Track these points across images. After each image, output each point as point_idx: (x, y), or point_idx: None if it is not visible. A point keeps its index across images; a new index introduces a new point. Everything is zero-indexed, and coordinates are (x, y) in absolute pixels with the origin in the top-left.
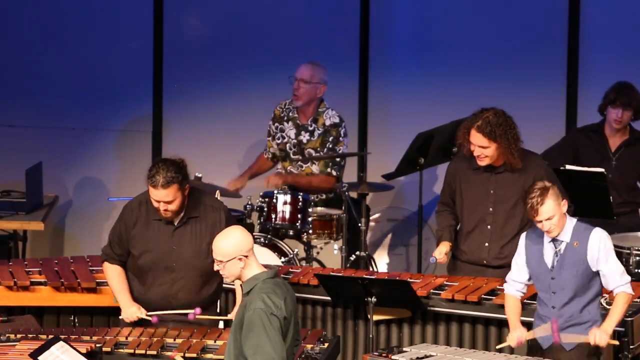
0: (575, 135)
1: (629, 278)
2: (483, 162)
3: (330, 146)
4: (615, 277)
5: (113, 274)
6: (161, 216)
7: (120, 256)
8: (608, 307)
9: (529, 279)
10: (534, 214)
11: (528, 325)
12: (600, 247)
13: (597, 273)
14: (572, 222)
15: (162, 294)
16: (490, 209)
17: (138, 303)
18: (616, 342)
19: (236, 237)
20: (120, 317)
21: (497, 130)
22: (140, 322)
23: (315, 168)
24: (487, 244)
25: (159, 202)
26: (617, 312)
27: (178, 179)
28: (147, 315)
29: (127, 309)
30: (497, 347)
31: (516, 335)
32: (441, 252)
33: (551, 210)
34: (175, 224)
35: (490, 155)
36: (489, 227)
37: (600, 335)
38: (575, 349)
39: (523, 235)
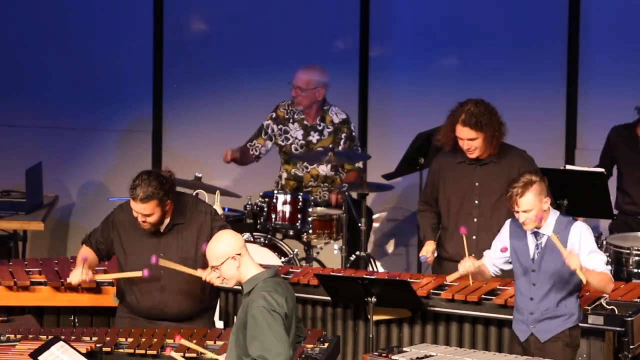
0: (610, 134)
1: (609, 268)
2: (473, 155)
3: (343, 142)
4: (597, 263)
5: (81, 251)
6: (140, 227)
7: (97, 243)
8: (608, 306)
9: (504, 262)
10: (513, 203)
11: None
12: (581, 240)
13: None
14: (554, 215)
15: (153, 303)
16: (476, 202)
17: (132, 312)
18: (583, 278)
19: (225, 238)
20: (68, 280)
21: (482, 120)
22: (137, 323)
23: (322, 168)
24: (474, 237)
25: (137, 213)
26: (598, 275)
27: (158, 195)
28: (93, 279)
29: (73, 271)
30: (448, 278)
31: (467, 263)
32: (428, 250)
33: (530, 204)
34: (162, 231)
35: (480, 146)
36: (475, 219)
37: (575, 259)
38: (550, 340)
39: (508, 222)
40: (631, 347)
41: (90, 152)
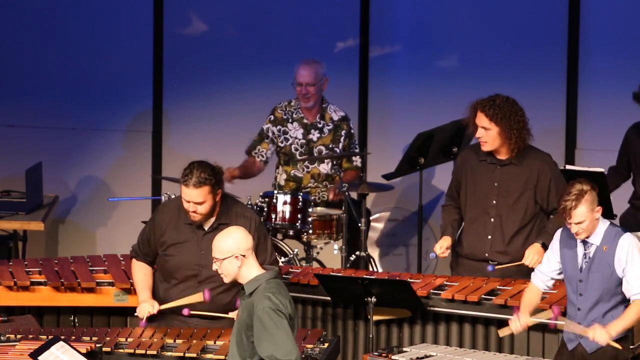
0: (627, 131)
1: None
2: (484, 147)
3: (343, 139)
4: (635, 284)
5: (137, 270)
6: (190, 219)
7: (146, 255)
8: None
9: (559, 274)
10: (567, 216)
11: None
12: (628, 252)
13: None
14: (604, 225)
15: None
16: (494, 202)
17: (163, 304)
18: (619, 347)
19: (235, 235)
20: (135, 314)
21: (499, 113)
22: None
23: (323, 167)
24: (489, 237)
25: (189, 202)
26: (627, 317)
27: (211, 182)
28: (160, 310)
29: (141, 305)
30: (500, 333)
31: (519, 321)
32: (442, 246)
33: (583, 215)
34: (206, 229)
35: (490, 141)
36: (491, 219)
37: (601, 333)
38: (597, 352)
39: (559, 231)
40: (631, 347)
41: (90, 152)
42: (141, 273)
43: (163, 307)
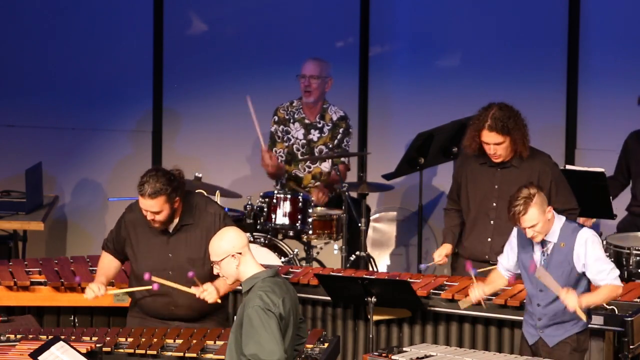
0: (627, 138)
1: (617, 272)
2: (498, 159)
3: (340, 137)
4: (602, 276)
5: (102, 258)
6: (149, 226)
7: (115, 248)
8: (608, 306)
9: (516, 267)
10: (517, 222)
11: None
12: (587, 248)
13: (583, 274)
14: (560, 222)
15: (162, 302)
16: (494, 204)
17: (143, 310)
18: (583, 317)
19: (228, 235)
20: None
21: (508, 124)
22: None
23: (324, 166)
24: (489, 239)
25: (146, 211)
26: (599, 294)
27: (166, 191)
28: (105, 293)
29: (90, 285)
30: (461, 304)
31: (477, 291)
32: (440, 254)
33: (535, 218)
34: (170, 231)
35: (505, 153)
36: (492, 222)
37: (572, 298)
38: (558, 345)
39: (515, 229)
40: (631, 347)
41: (90, 152)
42: (105, 261)
43: (111, 291)
